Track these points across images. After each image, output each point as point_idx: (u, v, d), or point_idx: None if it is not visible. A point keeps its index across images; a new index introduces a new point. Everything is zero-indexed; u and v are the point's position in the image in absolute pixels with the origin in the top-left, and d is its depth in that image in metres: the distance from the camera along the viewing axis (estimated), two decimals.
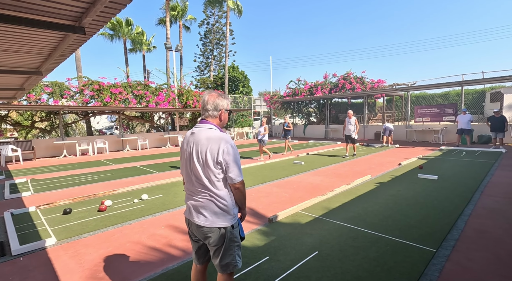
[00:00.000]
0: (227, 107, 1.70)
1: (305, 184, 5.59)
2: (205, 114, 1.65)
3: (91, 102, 12.74)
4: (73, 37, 3.42)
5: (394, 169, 6.84)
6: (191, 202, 1.63)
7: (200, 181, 1.57)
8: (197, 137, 1.59)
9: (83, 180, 6.65)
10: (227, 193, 1.60)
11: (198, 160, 1.56)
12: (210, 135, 1.57)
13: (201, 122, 1.66)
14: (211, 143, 1.53)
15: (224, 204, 1.58)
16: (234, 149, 1.57)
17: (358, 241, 2.95)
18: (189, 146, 1.62)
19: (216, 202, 1.57)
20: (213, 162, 1.52)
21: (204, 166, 1.54)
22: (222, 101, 1.66)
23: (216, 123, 1.66)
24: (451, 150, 10.08)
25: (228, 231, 1.59)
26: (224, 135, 1.59)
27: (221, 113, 1.67)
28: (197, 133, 1.61)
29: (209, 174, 1.54)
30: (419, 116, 14.45)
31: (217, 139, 1.54)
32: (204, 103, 1.65)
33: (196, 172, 1.58)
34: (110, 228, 3.51)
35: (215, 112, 1.65)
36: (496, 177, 5.74)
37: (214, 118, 1.66)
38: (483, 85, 20.56)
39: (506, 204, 4.00)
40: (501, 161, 7.62)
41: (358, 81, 18.57)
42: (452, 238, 2.94)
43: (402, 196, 4.50)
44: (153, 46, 27.05)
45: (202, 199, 1.58)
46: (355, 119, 9.13)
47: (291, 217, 3.73)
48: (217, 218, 1.57)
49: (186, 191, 1.69)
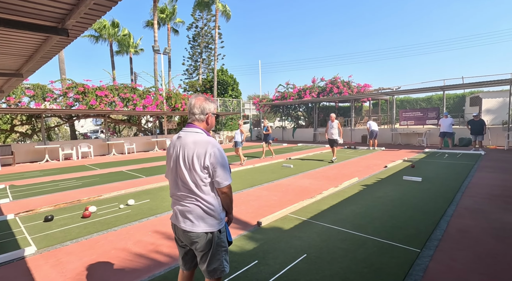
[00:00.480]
0: (214, 111, 1.70)
1: (294, 187, 5.61)
2: (192, 118, 1.64)
3: (76, 105, 12.39)
4: (56, 39, 3.32)
5: (381, 172, 6.99)
6: (178, 207, 1.61)
7: (187, 186, 1.55)
8: (184, 141, 1.58)
9: (66, 185, 6.43)
10: (214, 197, 1.59)
11: (184, 164, 1.54)
12: (197, 139, 1.56)
13: (188, 126, 1.64)
14: (198, 147, 1.52)
15: (211, 208, 1.56)
16: (221, 153, 1.56)
17: (346, 243, 2.98)
18: (175, 150, 1.60)
19: (202, 207, 1.55)
20: (200, 166, 1.51)
21: (191, 170, 1.53)
22: (209, 105, 1.66)
23: (203, 127, 1.66)
24: (434, 153, 10.41)
25: (215, 236, 1.58)
26: (211, 139, 1.58)
27: (208, 117, 1.66)
28: (183, 137, 1.60)
29: (195, 179, 1.53)
30: (404, 119, 14.87)
31: (204, 143, 1.54)
32: (191, 107, 1.64)
33: (183, 177, 1.56)
34: (94, 235, 3.39)
35: (202, 115, 1.64)
36: (476, 178, 5.96)
37: (201, 122, 1.65)
38: (463, 90, 21.45)
39: (485, 204, 4.16)
40: (480, 162, 7.93)
41: (345, 85, 18.95)
42: (436, 238, 3.03)
43: (389, 198, 4.60)
44: (140, 49, 26.68)
45: (189, 204, 1.56)
46: (338, 123, 8.87)
47: (280, 220, 3.73)
48: (204, 222, 1.55)
49: (172, 196, 1.66)
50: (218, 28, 24.55)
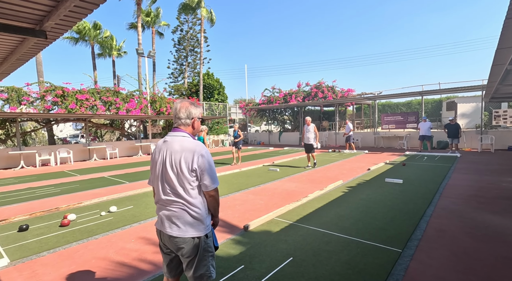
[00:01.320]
0: (200, 115, 1.71)
1: (280, 191, 5.65)
2: (178, 122, 1.65)
3: (54, 109, 11.89)
4: (33, 41, 3.21)
5: (364, 174, 7.17)
6: (164, 212, 1.59)
7: (174, 190, 1.55)
8: (170, 146, 1.58)
9: (43, 193, 6.14)
10: (201, 201, 1.59)
11: (172, 168, 1.54)
12: (184, 143, 1.57)
13: (174, 130, 1.65)
14: (185, 152, 1.53)
15: (198, 212, 1.56)
16: (208, 156, 1.58)
17: (331, 245, 3.03)
18: (161, 155, 1.60)
19: (189, 211, 1.55)
20: (187, 169, 1.52)
21: (179, 174, 1.53)
22: (194, 109, 1.67)
23: (189, 131, 1.67)
24: (414, 155, 10.81)
25: (202, 241, 1.57)
26: (198, 143, 1.60)
27: (194, 121, 1.67)
28: (170, 141, 1.60)
29: (183, 182, 1.53)
30: (385, 123, 15.39)
31: (191, 147, 1.55)
32: (177, 112, 1.65)
33: (170, 181, 1.55)
34: (73, 244, 3.26)
35: (187, 120, 1.65)
36: (453, 179, 6.25)
37: (187, 126, 1.66)
38: (440, 95, 22.50)
39: (460, 204, 4.36)
40: (456, 164, 8.32)
41: (329, 90, 19.39)
42: (416, 238, 3.14)
43: (371, 200, 4.73)
44: (123, 52, 26.09)
45: (175, 209, 1.55)
46: (314, 126, 8.33)
47: (266, 224, 3.74)
48: (191, 227, 1.54)
49: (158, 202, 1.64)
50: (204, 32, 24.49)
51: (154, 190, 1.68)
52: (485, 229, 3.35)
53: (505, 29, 3.34)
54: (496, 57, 4.72)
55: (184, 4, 21.95)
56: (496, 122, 12.60)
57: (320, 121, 21.66)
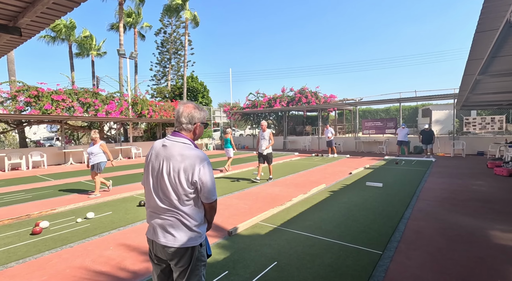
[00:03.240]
0: (204, 120, 1.60)
1: (264, 195, 5.66)
2: (179, 127, 1.54)
3: (27, 110, 11.24)
4: (6, 38, 3.03)
5: (346, 178, 7.35)
6: (157, 221, 1.48)
7: (169, 199, 1.45)
8: (170, 152, 1.46)
9: (12, 199, 5.75)
10: (197, 211, 1.51)
11: (169, 177, 1.43)
12: (184, 151, 1.45)
13: (175, 135, 1.53)
14: (186, 161, 1.42)
15: (194, 223, 1.48)
16: (210, 168, 1.48)
17: (314, 248, 3.06)
18: (158, 160, 1.48)
19: (184, 222, 1.46)
20: (187, 181, 1.42)
21: (176, 184, 1.42)
22: (198, 114, 1.56)
23: (190, 137, 1.56)
24: (393, 160, 11.24)
25: (196, 250, 1.50)
26: (200, 153, 1.48)
27: (196, 127, 1.56)
28: (169, 146, 1.48)
29: (179, 193, 1.43)
30: (366, 128, 15.91)
31: (192, 157, 1.44)
32: (178, 115, 1.54)
33: (166, 190, 1.45)
34: (45, 254, 3.07)
35: (189, 125, 1.54)
36: (428, 183, 6.55)
37: (188, 131, 1.55)
38: (416, 102, 23.66)
39: (436, 206, 4.58)
40: (431, 169, 8.74)
41: (313, 96, 19.80)
42: (395, 240, 3.25)
43: (353, 203, 4.84)
44: (103, 52, 25.26)
45: (170, 218, 1.46)
46: (270, 133, 7.19)
47: (250, 228, 3.72)
48: (187, 237, 1.47)
49: (150, 209, 1.52)
50: (188, 35, 24.30)
51: (145, 192, 1.56)
52: (458, 229, 3.53)
53: (475, 42, 3.61)
54: (467, 67, 5.05)
55: (168, 6, 21.69)
56: (467, 128, 13.41)
57: (303, 125, 22.02)
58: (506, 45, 3.71)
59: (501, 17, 2.76)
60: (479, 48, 3.82)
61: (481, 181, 6.64)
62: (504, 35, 3.14)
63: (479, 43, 3.65)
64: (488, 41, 3.51)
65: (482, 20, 2.87)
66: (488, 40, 3.46)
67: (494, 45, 3.46)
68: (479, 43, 3.65)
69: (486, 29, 3.11)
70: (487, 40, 3.49)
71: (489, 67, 4.96)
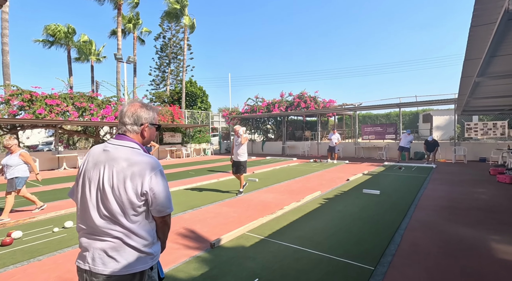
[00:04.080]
0: (154, 121, 1.40)
1: (256, 202, 5.42)
2: (123, 129, 1.34)
3: (20, 114, 11.11)
4: None
5: (343, 185, 7.10)
6: (94, 245, 1.22)
7: (112, 216, 1.21)
8: (112, 158, 1.24)
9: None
10: (148, 228, 1.28)
11: (113, 190, 1.21)
12: (132, 157, 1.24)
13: (119, 138, 1.31)
14: (134, 168, 1.21)
15: (143, 243, 1.24)
16: (163, 176, 1.28)
17: (301, 262, 2.82)
18: (98, 168, 1.25)
19: (131, 243, 1.22)
20: (134, 192, 1.20)
21: (121, 197, 1.20)
22: (146, 113, 1.36)
23: (138, 140, 1.35)
24: (392, 166, 10.98)
25: (145, 275, 1.26)
26: (151, 159, 1.27)
27: (144, 129, 1.36)
28: (112, 151, 1.26)
29: (126, 207, 1.20)
30: (366, 134, 15.67)
31: (141, 163, 1.23)
32: (121, 115, 1.33)
33: (108, 204, 1.21)
34: (9, 268, 2.83)
35: (135, 126, 1.33)
36: (428, 190, 6.29)
37: (135, 134, 1.35)
38: (416, 107, 23.43)
39: (435, 216, 4.32)
40: (432, 175, 8.48)
41: (312, 100, 19.63)
42: (390, 254, 3.00)
43: (348, 212, 4.60)
44: (103, 56, 25.32)
45: (113, 239, 1.21)
46: (246, 138, 6.23)
47: (236, 240, 3.48)
48: (133, 261, 1.22)
49: (85, 230, 1.25)
50: (187, 39, 24.36)
51: (78, 210, 1.29)
52: (458, 242, 3.28)
53: (471, 38, 3.36)
54: (464, 69, 4.83)
55: (167, 12, 21.79)
56: (468, 134, 13.16)
57: (303, 130, 21.80)
58: (505, 42, 3.46)
59: (499, 7, 2.53)
60: (476, 45, 3.59)
61: (483, 188, 6.38)
62: (503, 29, 2.90)
63: (476, 40, 3.40)
64: (486, 37, 3.26)
65: (477, 11, 2.63)
66: (486, 36, 3.22)
67: (492, 42, 3.22)
68: (476, 40, 3.40)
69: (482, 23, 2.87)
70: (484, 36, 3.23)
71: (488, 68, 4.74)
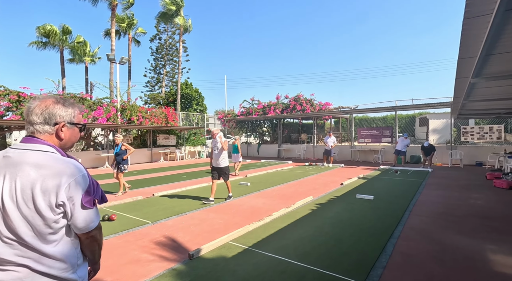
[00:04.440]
0: (75, 120, 1.16)
1: (245, 208, 5.20)
2: (30, 129, 1.09)
3: (7, 115, 10.83)
4: None
5: (336, 189, 6.90)
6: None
7: (18, 238, 0.96)
8: (15, 165, 0.99)
9: None
10: (70, 248, 1.05)
11: (17, 205, 0.96)
12: (43, 162, 1.00)
13: (26, 140, 1.06)
14: (46, 177, 0.97)
15: (62, 267, 1.01)
16: (85, 181, 1.04)
17: (284, 276, 2.60)
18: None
19: (43, 269, 0.97)
20: (48, 206, 0.97)
21: (31, 212, 0.96)
22: (62, 110, 1.11)
23: (54, 143, 1.10)
24: (388, 169, 10.81)
25: None
26: (69, 163, 1.03)
27: (60, 129, 1.10)
28: (15, 157, 1.01)
29: (37, 224, 0.96)
30: (362, 137, 15.52)
31: (57, 169, 0.99)
32: (28, 113, 1.08)
33: (10, 224, 0.96)
34: None
35: (46, 126, 1.08)
36: (423, 195, 6.11)
37: (48, 135, 1.09)
38: (413, 110, 23.38)
39: (429, 223, 4.13)
40: (427, 180, 8.30)
41: (307, 103, 19.50)
42: (380, 266, 2.79)
43: (339, 218, 4.39)
44: (98, 58, 25.06)
45: (19, 268, 0.96)
46: (225, 141, 5.76)
47: (217, 250, 3.26)
48: None
49: None
50: (183, 41, 24.18)
51: None
52: (453, 253, 3.08)
53: (465, 32, 3.15)
54: (458, 69, 4.65)
55: (163, 13, 21.62)
56: (465, 138, 13.05)
57: (299, 133, 21.64)
58: (502, 37, 3.26)
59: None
60: (470, 41, 3.38)
61: (480, 194, 6.21)
62: (500, 22, 2.70)
63: (470, 35, 3.17)
64: (481, 32, 3.05)
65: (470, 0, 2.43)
66: (481, 30, 3.00)
67: (488, 36, 3.01)
68: (470, 35, 3.17)
69: (477, 14, 2.65)
70: (479, 29, 3.01)
71: (484, 68, 4.57)
